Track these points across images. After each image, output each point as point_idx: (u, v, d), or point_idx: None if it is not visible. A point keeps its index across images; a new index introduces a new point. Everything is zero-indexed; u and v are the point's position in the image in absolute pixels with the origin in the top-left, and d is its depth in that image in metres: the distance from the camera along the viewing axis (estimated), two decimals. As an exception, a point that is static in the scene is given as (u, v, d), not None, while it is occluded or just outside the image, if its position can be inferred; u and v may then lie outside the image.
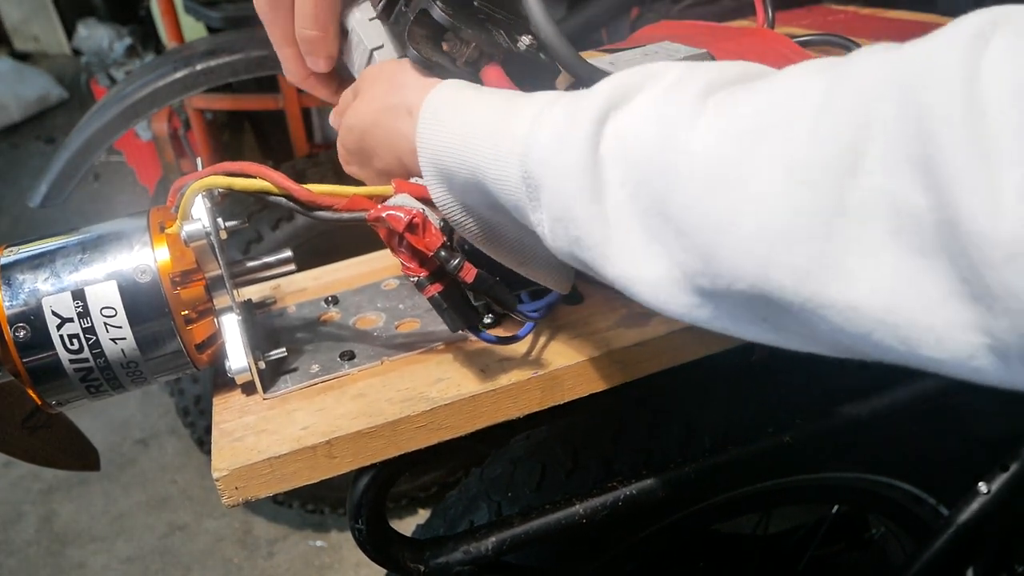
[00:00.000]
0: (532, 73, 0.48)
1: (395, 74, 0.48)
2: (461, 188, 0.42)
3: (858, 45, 0.53)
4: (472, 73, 0.47)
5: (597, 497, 0.57)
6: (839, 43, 0.54)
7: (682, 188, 0.31)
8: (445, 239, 0.44)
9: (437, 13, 0.45)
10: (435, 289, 0.46)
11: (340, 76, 0.57)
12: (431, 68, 0.47)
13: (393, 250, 0.45)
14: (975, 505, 0.71)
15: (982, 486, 0.71)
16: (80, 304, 0.46)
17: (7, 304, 0.45)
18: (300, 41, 0.52)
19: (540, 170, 0.36)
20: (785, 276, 0.29)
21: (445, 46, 0.47)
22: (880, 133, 0.26)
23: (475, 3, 0.47)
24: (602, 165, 0.34)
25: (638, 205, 0.33)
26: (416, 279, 0.46)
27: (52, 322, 0.45)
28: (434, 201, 0.45)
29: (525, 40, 0.47)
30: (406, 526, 1.59)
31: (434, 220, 0.45)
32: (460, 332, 0.55)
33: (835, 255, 0.27)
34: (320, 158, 1.50)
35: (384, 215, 0.44)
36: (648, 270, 0.34)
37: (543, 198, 0.37)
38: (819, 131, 0.27)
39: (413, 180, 0.46)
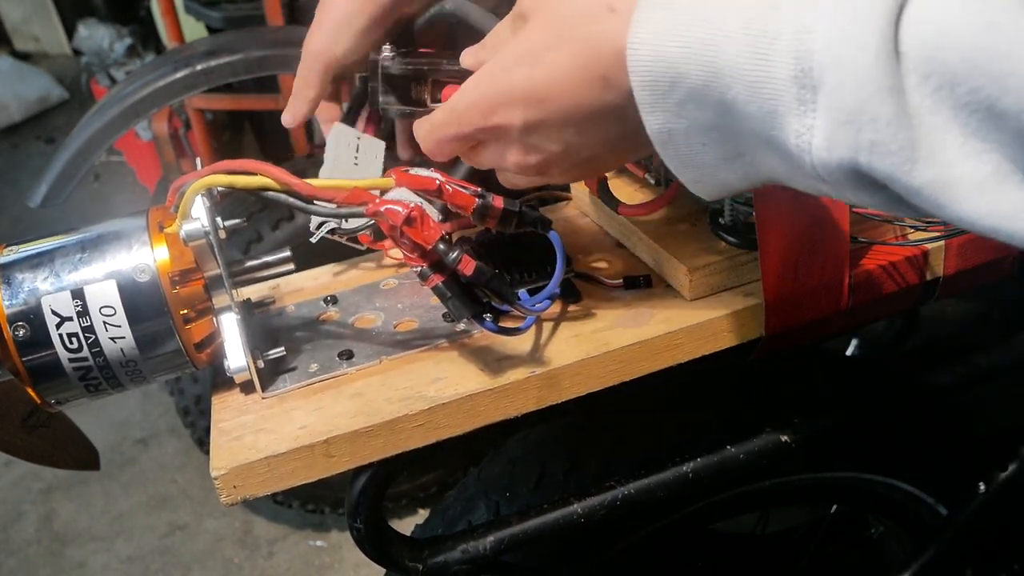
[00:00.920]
0: None
1: None
2: (681, 99, 0.36)
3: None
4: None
5: (595, 496, 0.57)
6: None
7: (1017, 86, 0.28)
8: (444, 232, 0.44)
9: (396, 68, 0.54)
10: (438, 279, 0.46)
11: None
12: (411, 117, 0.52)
13: (395, 242, 0.45)
14: (974, 505, 0.71)
15: (981, 486, 0.71)
16: (79, 303, 0.46)
17: (7, 303, 0.45)
18: None
19: (825, 67, 0.32)
20: None
21: (413, 94, 0.54)
22: None
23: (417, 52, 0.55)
24: (902, 61, 0.31)
25: (952, 102, 0.30)
26: (418, 269, 0.46)
27: (51, 321, 0.46)
28: (646, 122, 0.38)
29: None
30: (406, 526, 1.59)
31: (432, 213, 0.45)
32: (460, 329, 0.55)
33: None
34: (320, 158, 1.50)
35: (382, 209, 0.44)
36: (969, 169, 0.31)
37: (822, 100, 0.32)
38: None
39: (414, 171, 0.47)
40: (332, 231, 0.62)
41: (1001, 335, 0.95)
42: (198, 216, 0.47)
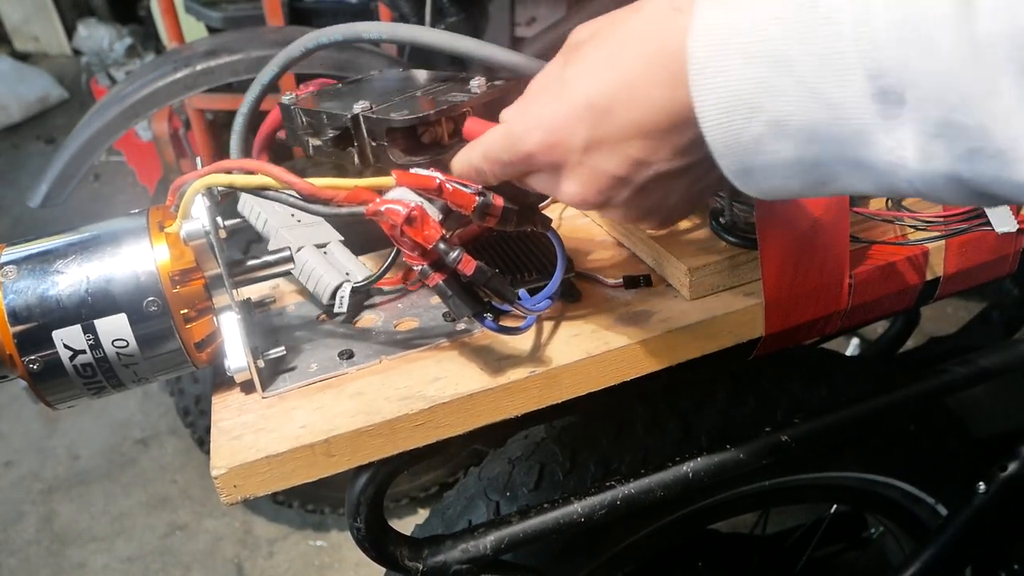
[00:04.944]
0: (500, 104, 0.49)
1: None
2: (758, 135, 0.34)
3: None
4: (461, 143, 0.48)
5: (595, 496, 0.57)
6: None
7: None
8: (444, 232, 0.44)
9: (400, 121, 0.47)
10: (439, 277, 0.46)
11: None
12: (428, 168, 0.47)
13: (395, 241, 0.45)
14: (974, 505, 0.71)
15: (981, 486, 0.71)
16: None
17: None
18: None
19: (903, 80, 0.29)
20: None
21: (425, 138, 0.49)
22: None
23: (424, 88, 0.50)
24: (988, 53, 0.28)
25: None
26: (419, 268, 0.46)
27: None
28: (721, 165, 0.35)
29: (474, 84, 0.50)
30: (406, 526, 1.59)
31: (433, 213, 0.45)
32: (460, 329, 0.55)
33: None
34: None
35: (383, 208, 0.44)
36: None
37: (906, 114, 0.30)
38: None
39: (414, 171, 0.46)
40: (354, 291, 0.57)
41: (1001, 335, 0.95)
42: (198, 216, 0.47)
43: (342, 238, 0.63)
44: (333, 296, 0.57)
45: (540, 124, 0.40)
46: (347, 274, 0.59)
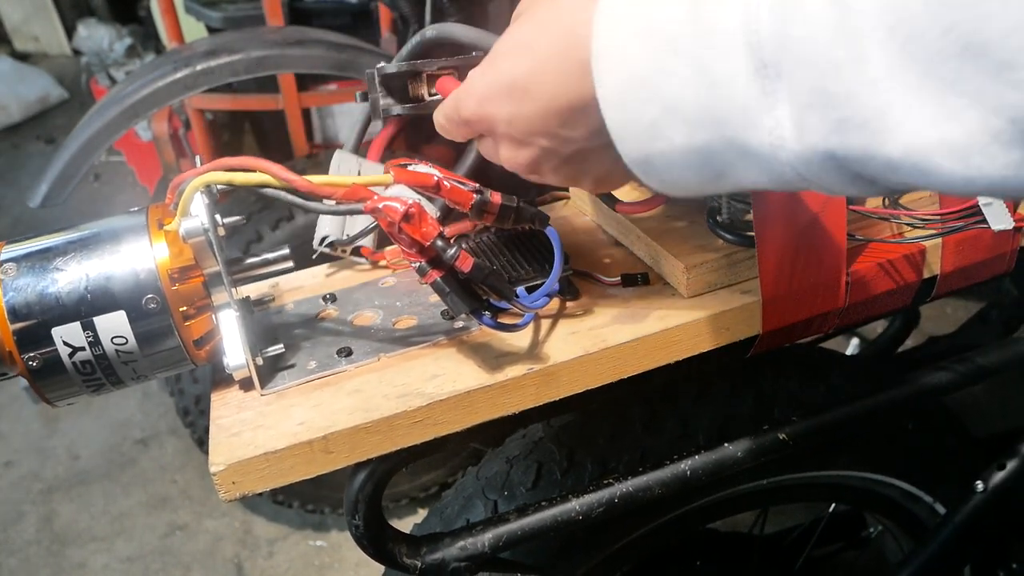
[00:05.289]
0: None
1: None
2: (653, 119, 0.34)
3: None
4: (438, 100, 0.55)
5: (593, 494, 0.57)
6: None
7: (999, 9, 0.25)
8: (442, 229, 0.44)
9: (392, 68, 0.55)
10: (436, 274, 0.46)
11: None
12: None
13: (393, 238, 0.46)
14: (972, 504, 0.71)
15: (979, 484, 0.71)
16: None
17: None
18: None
19: (779, 50, 0.29)
20: None
21: (410, 92, 0.56)
22: None
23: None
24: (857, 19, 0.28)
25: (923, 53, 0.27)
26: (417, 265, 0.46)
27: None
28: (621, 152, 0.36)
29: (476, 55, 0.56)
30: (405, 526, 1.59)
31: (430, 210, 0.46)
32: (458, 326, 0.55)
33: None
34: (320, 158, 1.51)
35: (381, 205, 0.44)
36: (951, 130, 0.27)
37: (782, 88, 0.30)
38: None
39: (412, 168, 0.47)
40: (332, 245, 0.63)
41: (1000, 334, 0.95)
42: (197, 213, 0.47)
43: None
44: (320, 242, 0.63)
45: (472, 94, 0.43)
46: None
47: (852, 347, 1.68)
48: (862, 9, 0.27)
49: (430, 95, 0.56)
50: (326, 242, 0.63)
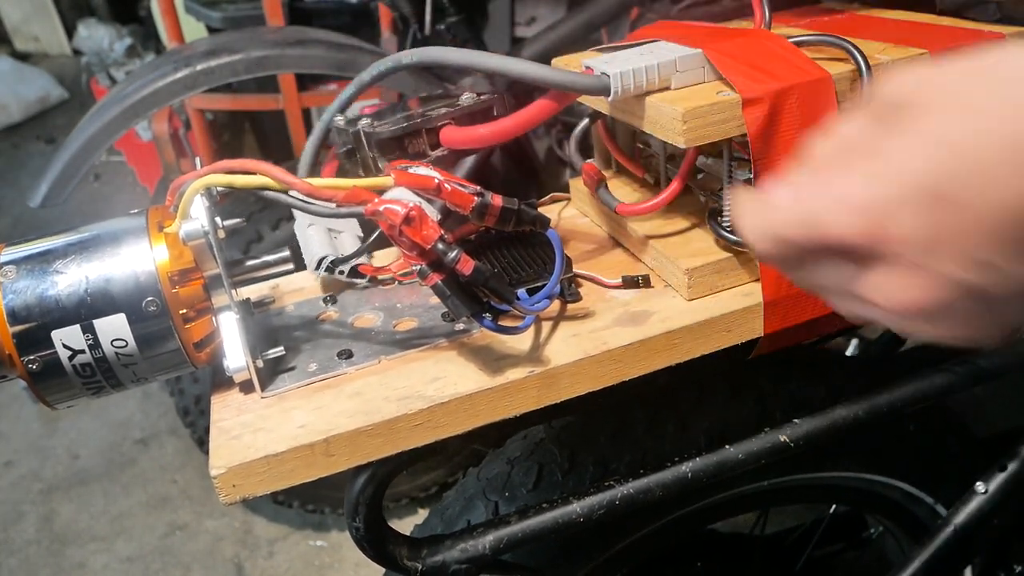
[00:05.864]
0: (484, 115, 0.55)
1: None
2: None
3: (854, 46, 0.53)
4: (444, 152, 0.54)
5: (594, 496, 0.57)
6: (835, 43, 0.54)
7: None
8: (442, 232, 0.44)
9: (385, 131, 0.54)
10: (437, 277, 0.46)
11: None
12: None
13: (394, 240, 0.46)
14: (973, 505, 0.71)
15: (980, 486, 0.71)
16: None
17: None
18: None
19: None
20: None
21: (410, 149, 0.55)
22: None
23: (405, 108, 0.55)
24: None
25: None
26: (418, 268, 0.46)
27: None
28: None
29: (464, 99, 0.56)
30: (406, 526, 1.59)
31: (431, 213, 0.45)
32: (459, 329, 0.55)
33: None
34: (320, 158, 1.50)
35: (382, 208, 0.44)
36: None
37: None
38: None
39: (412, 170, 0.47)
40: (332, 265, 0.60)
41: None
42: (197, 216, 0.47)
43: (361, 234, 0.65)
44: (318, 266, 0.60)
45: (852, 205, 0.30)
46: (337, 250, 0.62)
47: (852, 347, 1.68)
48: None
49: (432, 149, 0.54)
50: (324, 264, 0.59)
